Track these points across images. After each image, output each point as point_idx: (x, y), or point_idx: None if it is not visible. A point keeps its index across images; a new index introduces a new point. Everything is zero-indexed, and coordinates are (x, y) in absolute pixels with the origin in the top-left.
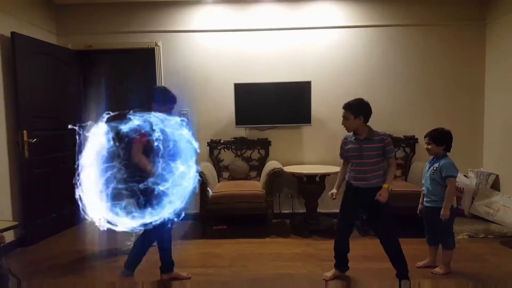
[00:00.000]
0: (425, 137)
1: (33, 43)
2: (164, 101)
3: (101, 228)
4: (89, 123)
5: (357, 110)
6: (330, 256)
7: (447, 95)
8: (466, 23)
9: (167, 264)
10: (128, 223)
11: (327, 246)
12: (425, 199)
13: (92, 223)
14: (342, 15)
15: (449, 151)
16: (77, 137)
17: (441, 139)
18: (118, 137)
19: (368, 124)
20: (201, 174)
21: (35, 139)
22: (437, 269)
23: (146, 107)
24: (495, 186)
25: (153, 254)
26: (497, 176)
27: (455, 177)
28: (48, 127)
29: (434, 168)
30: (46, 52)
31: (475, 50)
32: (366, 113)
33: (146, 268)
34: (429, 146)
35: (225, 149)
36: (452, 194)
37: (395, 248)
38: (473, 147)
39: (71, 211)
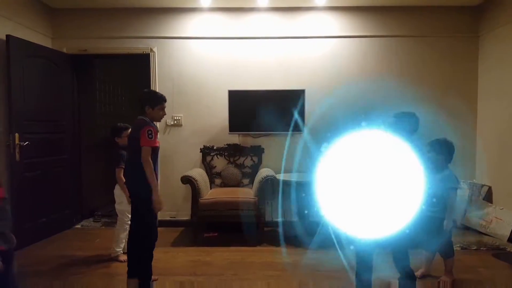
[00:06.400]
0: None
1: (27, 46)
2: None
3: None
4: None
5: None
6: (322, 265)
7: (440, 106)
8: (459, 36)
9: None
10: None
11: (318, 256)
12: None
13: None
14: (337, 25)
15: (450, 161)
16: None
17: (442, 148)
18: None
19: None
20: (192, 180)
21: (26, 142)
22: (444, 278)
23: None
24: (488, 197)
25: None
26: (489, 187)
27: (457, 188)
28: (41, 131)
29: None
30: (41, 55)
31: (468, 62)
32: None
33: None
34: (429, 154)
35: (218, 156)
36: (454, 205)
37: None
38: (466, 159)
39: (61, 216)
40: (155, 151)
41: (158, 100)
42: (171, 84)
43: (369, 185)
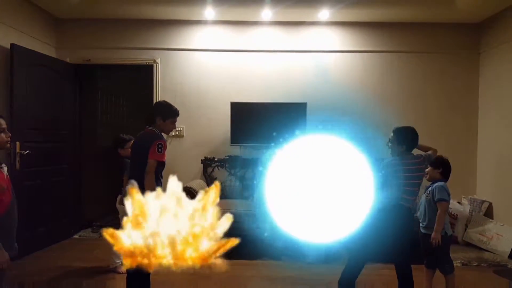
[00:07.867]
0: None
1: (31, 56)
2: None
3: None
4: None
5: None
6: (323, 280)
7: (441, 122)
8: (460, 52)
9: None
10: None
11: (320, 270)
12: (421, 224)
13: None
14: (338, 40)
15: (447, 178)
16: None
17: (437, 162)
18: None
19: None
20: (193, 191)
21: (27, 151)
22: None
23: None
24: (488, 213)
25: None
26: (490, 203)
27: (446, 201)
28: (42, 140)
29: (428, 192)
30: (44, 64)
31: (469, 78)
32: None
33: None
34: (426, 170)
35: (219, 167)
36: (442, 218)
37: (407, 273)
38: (467, 174)
39: (59, 226)
40: (161, 165)
41: (172, 113)
42: (174, 95)
43: (316, 191)
